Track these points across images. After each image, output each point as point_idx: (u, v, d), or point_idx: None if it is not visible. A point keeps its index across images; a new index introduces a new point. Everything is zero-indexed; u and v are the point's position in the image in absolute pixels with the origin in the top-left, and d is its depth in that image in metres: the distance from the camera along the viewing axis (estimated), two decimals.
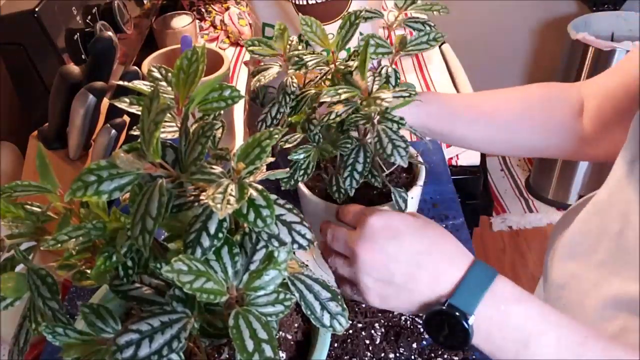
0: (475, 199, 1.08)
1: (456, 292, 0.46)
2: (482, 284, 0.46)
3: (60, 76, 0.78)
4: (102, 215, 0.43)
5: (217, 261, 0.38)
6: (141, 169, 0.36)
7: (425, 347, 0.65)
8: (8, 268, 0.43)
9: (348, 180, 0.52)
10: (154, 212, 0.36)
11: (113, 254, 0.40)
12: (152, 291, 0.42)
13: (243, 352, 0.35)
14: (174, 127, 0.45)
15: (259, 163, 0.37)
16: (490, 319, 0.45)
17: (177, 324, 0.37)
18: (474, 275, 0.46)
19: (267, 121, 0.59)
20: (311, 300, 0.42)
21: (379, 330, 0.67)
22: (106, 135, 0.81)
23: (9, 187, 0.42)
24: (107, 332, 0.39)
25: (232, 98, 0.44)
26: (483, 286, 0.45)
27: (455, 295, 0.46)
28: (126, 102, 0.46)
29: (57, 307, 0.40)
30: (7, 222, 0.43)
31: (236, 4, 1.50)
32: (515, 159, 2.53)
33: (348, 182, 0.52)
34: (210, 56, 0.91)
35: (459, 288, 0.46)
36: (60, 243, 0.39)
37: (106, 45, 0.80)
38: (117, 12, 1.00)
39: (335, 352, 0.65)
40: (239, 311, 0.37)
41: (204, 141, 0.38)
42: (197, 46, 0.41)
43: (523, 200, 2.31)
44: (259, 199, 0.36)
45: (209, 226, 0.37)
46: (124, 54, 1.06)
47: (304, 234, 0.40)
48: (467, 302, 0.45)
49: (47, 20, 0.85)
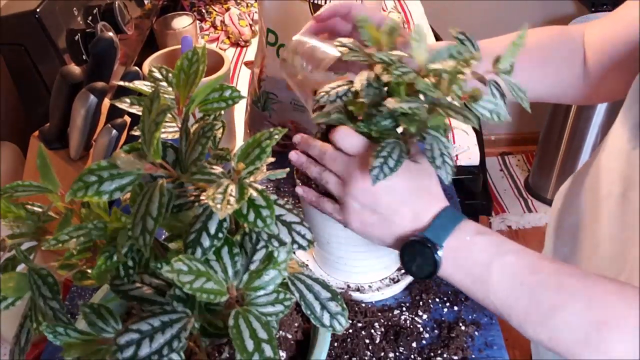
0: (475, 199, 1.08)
1: (430, 227, 0.51)
2: (452, 221, 0.52)
3: (61, 76, 0.78)
4: (103, 215, 0.43)
5: (217, 261, 0.39)
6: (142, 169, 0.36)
7: (424, 346, 0.66)
8: (9, 268, 0.43)
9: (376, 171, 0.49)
10: (155, 212, 0.36)
11: (114, 254, 0.40)
12: (152, 291, 0.42)
13: (243, 352, 0.35)
14: (174, 127, 0.45)
15: (259, 163, 0.37)
16: (457, 249, 0.51)
17: (178, 324, 0.37)
18: (446, 215, 0.52)
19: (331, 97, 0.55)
20: (311, 300, 0.42)
21: (378, 329, 0.67)
22: (107, 136, 0.81)
23: (10, 187, 0.42)
24: (107, 332, 0.39)
25: (233, 98, 0.44)
26: (453, 223, 0.51)
27: (429, 229, 0.51)
28: (127, 102, 0.46)
29: (58, 306, 0.40)
30: (8, 222, 0.43)
31: (237, 4, 1.50)
32: (514, 159, 2.53)
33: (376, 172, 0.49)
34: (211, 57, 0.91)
35: (432, 224, 0.52)
36: (61, 243, 0.39)
37: (107, 45, 0.80)
38: (117, 13, 1.01)
39: (335, 351, 0.65)
40: (239, 311, 0.37)
41: (205, 141, 0.39)
42: (197, 47, 0.41)
43: (522, 200, 2.31)
44: (259, 199, 0.36)
45: (209, 226, 0.38)
46: (125, 55, 1.06)
47: (303, 234, 0.40)
48: (438, 235, 0.51)
49: (48, 21, 0.85)
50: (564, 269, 0.48)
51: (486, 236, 0.51)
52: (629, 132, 0.56)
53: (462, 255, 0.51)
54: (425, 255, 0.51)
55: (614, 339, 0.43)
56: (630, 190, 0.56)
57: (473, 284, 0.50)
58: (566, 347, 0.46)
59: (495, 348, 0.65)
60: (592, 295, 0.45)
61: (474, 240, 0.51)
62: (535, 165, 2.34)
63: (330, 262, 0.73)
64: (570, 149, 2.13)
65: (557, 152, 2.18)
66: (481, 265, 0.49)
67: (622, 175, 0.57)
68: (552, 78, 0.69)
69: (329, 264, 0.74)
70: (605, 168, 0.62)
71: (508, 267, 0.49)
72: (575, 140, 2.10)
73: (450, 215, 0.52)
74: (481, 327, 0.68)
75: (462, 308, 0.70)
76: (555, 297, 0.46)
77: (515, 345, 1.36)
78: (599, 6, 2.07)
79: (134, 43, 1.11)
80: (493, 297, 0.49)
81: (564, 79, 0.68)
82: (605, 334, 0.43)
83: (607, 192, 0.60)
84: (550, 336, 0.46)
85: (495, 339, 0.67)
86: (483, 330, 0.67)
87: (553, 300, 0.46)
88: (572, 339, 0.45)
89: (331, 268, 0.74)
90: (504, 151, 2.57)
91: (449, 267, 0.51)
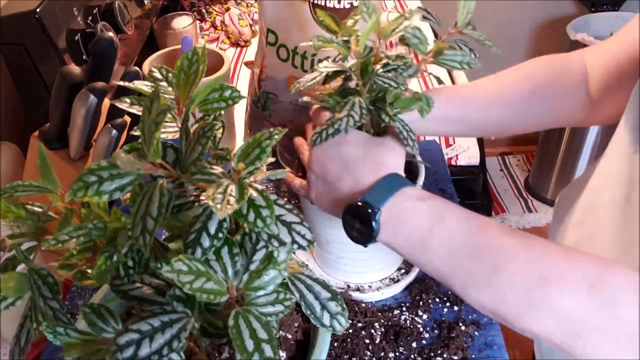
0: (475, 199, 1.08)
1: (369, 191, 0.51)
2: (394, 186, 0.51)
3: (61, 76, 0.78)
4: (103, 215, 0.43)
5: (217, 261, 0.39)
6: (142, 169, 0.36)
7: (424, 346, 0.66)
8: (9, 268, 0.43)
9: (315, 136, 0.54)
10: (155, 212, 0.36)
11: (114, 254, 0.40)
12: (152, 291, 0.42)
13: (243, 352, 0.35)
14: (174, 127, 0.45)
15: (259, 163, 0.37)
16: (397, 213, 0.50)
17: (178, 324, 0.37)
18: (389, 180, 0.52)
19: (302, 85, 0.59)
20: (311, 300, 0.42)
21: (378, 329, 0.67)
22: (107, 136, 0.81)
23: (10, 187, 0.42)
24: (107, 332, 0.39)
25: (233, 98, 0.44)
26: (394, 188, 0.51)
27: (368, 193, 0.51)
28: (127, 102, 0.46)
29: (58, 306, 0.40)
30: (8, 222, 0.43)
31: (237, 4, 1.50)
32: (514, 159, 2.54)
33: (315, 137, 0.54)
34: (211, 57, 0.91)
35: (372, 188, 0.52)
36: (61, 243, 0.39)
37: (107, 45, 0.80)
38: (117, 13, 1.01)
39: (335, 351, 0.65)
40: (239, 311, 0.37)
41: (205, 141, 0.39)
42: (197, 47, 0.41)
43: (522, 200, 2.32)
44: (258, 199, 0.36)
45: (209, 226, 0.38)
46: (125, 55, 1.06)
47: (303, 234, 0.40)
48: (377, 199, 0.50)
49: (48, 21, 0.85)
50: (506, 230, 0.47)
51: (429, 201, 0.50)
52: (630, 135, 0.56)
53: (402, 220, 0.50)
54: (363, 219, 0.50)
55: (557, 294, 0.42)
56: (632, 193, 0.56)
57: (414, 249, 0.50)
58: (509, 308, 0.45)
59: (495, 348, 0.65)
60: (534, 253, 0.45)
61: (416, 205, 0.50)
62: (535, 165, 2.34)
63: (330, 262, 0.73)
64: (570, 149, 2.13)
65: (557, 152, 2.18)
66: (422, 231, 0.49)
67: (623, 178, 0.57)
68: (556, 110, 0.69)
69: (329, 264, 0.74)
70: (606, 171, 0.62)
71: (449, 230, 0.48)
72: (575, 141, 2.10)
73: (393, 181, 0.52)
74: (481, 327, 0.68)
75: (462, 308, 0.70)
76: (497, 257, 0.45)
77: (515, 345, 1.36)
78: (599, 6, 2.07)
79: (134, 43, 1.11)
80: (435, 261, 0.48)
81: (567, 109, 0.68)
82: (547, 289, 0.43)
83: (608, 195, 0.60)
84: (492, 297, 0.45)
85: (495, 339, 0.67)
86: (483, 330, 0.67)
87: (495, 260, 0.45)
88: (515, 298, 0.44)
89: (331, 268, 0.74)
90: (504, 151, 2.57)
91: (389, 231, 0.50)
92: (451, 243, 0.48)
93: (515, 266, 0.44)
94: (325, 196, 0.56)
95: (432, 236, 0.48)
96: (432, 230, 0.49)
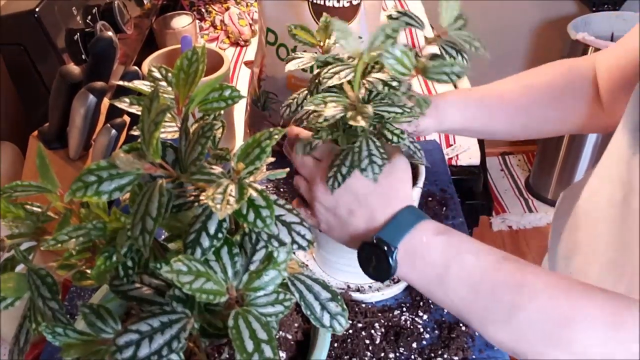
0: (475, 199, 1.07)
1: (384, 228, 0.51)
2: (409, 222, 0.51)
3: (60, 76, 0.78)
4: (102, 215, 0.43)
5: (217, 261, 0.38)
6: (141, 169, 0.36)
7: (425, 346, 0.65)
8: (8, 268, 0.43)
9: (331, 180, 0.53)
10: (154, 213, 0.36)
11: (113, 254, 0.40)
12: (152, 291, 0.42)
13: (243, 353, 0.35)
14: (174, 127, 0.45)
15: (258, 163, 0.37)
16: (413, 250, 0.49)
17: (177, 324, 0.37)
18: (404, 216, 0.51)
19: (292, 107, 0.61)
20: (311, 301, 0.42)
21: (378, 330, 0.67)
22: (106, 135, 0.81)
23: (9, 187, 0.42)
24: (107, 332, 0.39)
25: (232, 98, 0.44)
26: (410, 224, 0.50)
27: (383, 230, 0.51)
28: (126, 102, 0.46)
29: (57, 307, 0.40)
30: (7, 222, 0.43)
31: (236, 4, 1.50)
32: (515, 159, 2.53)
33: (330, 182, 0.52)
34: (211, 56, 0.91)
35: (387, 225, 0.51)
36: (60, 243, 0.39)
37: (106, 45, 0.80)
38: (117, 12, 1.00)
39: (335, 352, 0.65)
40: (239, 311, 0.37)
41: (204, 141, 0.38)
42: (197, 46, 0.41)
43: (523, 200, 2.31)
44: (258, 200, 0.36)
45: (209, 226, 0.37)
46: (124, 54, 1.06)
47: (303, 234, 0.40)
48: (393, 236, 0.50)
49: (47, 21, 0.85)
50: (525, 267, 0.47)
51: (444, 236, 0.50)
52: (629, 137, 0.56)
53: (419, 257, 0.49)
54: (380, 257, 0.50)
55: (580, 334, 0.43)
56: (630, 195, 0.56)
57: (430, 285, 0.49)
58: (529, 346, 0.44)
59: (495, 348, 0.65)
60: (555, 291, 0.45)
61: (431, 241, 0.49)
62: (535, 165, 2.34)
63: (331, 263, 0.73)
64: (571, 149, 2.13)
65: (557, 152, 2.18)
66: (439, 267, 0.48)
67: (622, 180, 0.57)
68: (570, 117, 0.69)
69: (329, 264, 0.74)
70: (605, 174, 0.62)
71: (467, 267, 0.48)
72: (575, 140, 2.10)
73: (407, 216, 0.51)
74: None
75: None
76: (517, 295, 0.45)
77: None
78: (600, 5, 2.07)
79: (134, 42, 1.11)
80: (452, 297, 0.48)
81: (580, 115, 0.68)
82: (570, 328, 0.43)
83: (607, 197, 0.60)
84: (512, 336, 0.45)
85: None
86: None
87: (515, 298, 0.45)
88: (536, 337, 0.44)
89: (331, 268, 0.74)
90: (504, 151, 2.57)
91: (406, 268, 0.50)
92: (469, 280, 0.47)
93: (536, 304, 0.44)
94: (338, 230, 0.55)
95: (449, 272, 0.48)
96: (449, 267, 0.48)
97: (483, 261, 0.48)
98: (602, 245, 0.61)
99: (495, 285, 0.46)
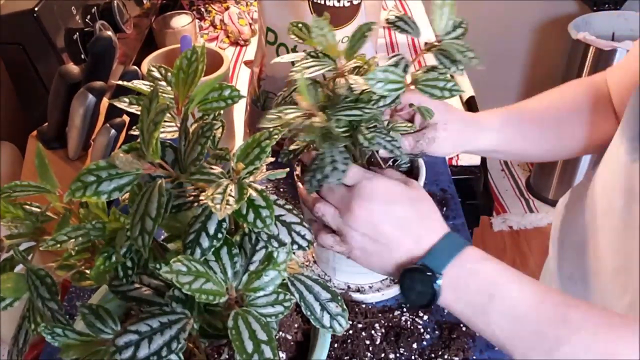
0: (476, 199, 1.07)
1: (429, 254, 0.50)
2: (453, 249, 0.50)
3: (59, 76, 0.78)
4: (102, 215, 0.42)
5: (217, 262, 0.38)
6: (140, 169, 0.36)
7: (425, 347, 0.65)
8: (7, 268, 0.42)
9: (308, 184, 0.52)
10: (154, 213, 0.36)
11: (112, 255, 0.39)
12: (151, 292, 0.42)
13: (242, 353, 0.35)
14: (173, 127, 0.45)
15: (258, 163, 0.37)
16: (457, 277, 0.49)
17: (177, 325, 0.37)
18: (447, 242, 0.51)
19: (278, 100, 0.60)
20: (311, 301, 0.42)
21: (379, 330, 0.67)
22: (106, 135, 0.80)
23: (8, 187, 0.42)
24: (106, 333, 0.39)
25: (232, 98, 0.44)
26: (453, 250, 0.50)
27: (428, 256, 0.50)
28: (126, 102, 0.46)
29: (56, 307, 0.40)
30: (6, 223, 0.43)
31: (236, 3, 1.50)
32: None
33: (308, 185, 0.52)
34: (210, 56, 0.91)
35: (431, 251, 0.51)
36: (59, 243, 0.39)
37: (106, 44, 0.80)
38: (116, 12, 1.00)
39: (335, 352, 0.64)
40: (239, 312, 0.36)
41: (204, 141, 0.38)
42: (196, 46, 0.41)
43: (524, 200, 2.31)
44: (258, 200, 0.36)
45: (209, 227, 0.37)
46: (124, 54, 1.05)
47: (303, 234, 0.40)
48: (438, 263, 0.50)
49: (46, 20, 0.85)
50: (568, 300, 0.47)
51: (488, 263, 0.50)
52: (628, 144, 0.56)
53: (463, 285, 0.49)
54: (424, 283, 0.49)
55: None
56: (631, 202, 0.56)
57: (474, 315, 0.49)
58: None
59: (496, 349, 0.65)
60: (598, 327, 0.45)
61: (475, 269, 0.49)
62: (536, 165, 2.34)
63: (331, 263, 0.73)
64: None
65: None
66: (483, 296, 0.48)
67: (622, 188, 0.57)
68: (597, 135, 0.69)
69: (329, 265, 0.74)
70: (604, 181, 0.62)
71: (512, 298, 0.47)
72: None
73: (451, 242, 0.51)
74: None
75: None
76: (560, 329, 0.45)
77: None
78: (601, 5, 2.07)
79: (133, 42, 1.11)
80: (495, 328, 0.48)
81: (605, 131, 0.68)
82: None
83: (607, 205, 0.60)
84: None
85: None
86: None
87: (558, 332, 0.45)
88: None
89: (331, 269, 0.74)
90: None
91: (449, 296, 0.50)
92: (513, 311, 0.47)
93: (579, 340, 0.45)
94: (377, 257, 0.53)
95: (493, 303, 0.48)
96: (493, 297, 0.48)
97: (527, 292, 0.48)
98: (605, 253, 0.61)
99: (539, 318, 0.46)
